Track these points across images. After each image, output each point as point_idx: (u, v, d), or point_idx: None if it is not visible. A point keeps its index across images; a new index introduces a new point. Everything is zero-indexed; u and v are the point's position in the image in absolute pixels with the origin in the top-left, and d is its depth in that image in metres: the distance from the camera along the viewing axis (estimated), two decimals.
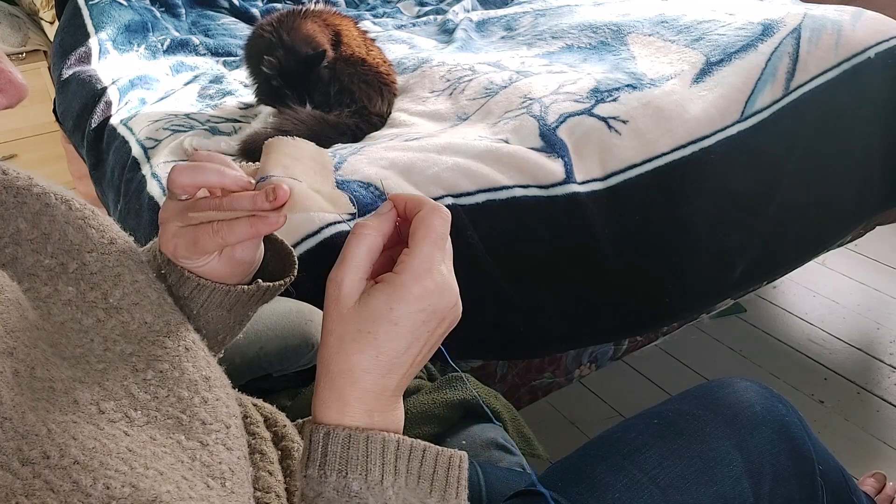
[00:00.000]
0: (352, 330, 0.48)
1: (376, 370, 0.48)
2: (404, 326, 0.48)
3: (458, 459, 0.51)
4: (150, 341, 0.51)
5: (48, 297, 0.50)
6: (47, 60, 2.39)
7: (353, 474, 0.47)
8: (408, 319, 0.48)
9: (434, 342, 0.51)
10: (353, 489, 0.47)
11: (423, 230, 0.50)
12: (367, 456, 0.47)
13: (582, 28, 1.66)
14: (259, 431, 0.64)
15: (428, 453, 0.50)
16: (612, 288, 1.22)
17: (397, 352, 0.48)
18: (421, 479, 0.49)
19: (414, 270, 0.48)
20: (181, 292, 0.60)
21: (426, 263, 0.49)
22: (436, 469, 0.50)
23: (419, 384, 0.98)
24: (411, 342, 0.49)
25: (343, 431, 0.47)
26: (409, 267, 0.48)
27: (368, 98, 1.45)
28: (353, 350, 0.48)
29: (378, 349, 0.48)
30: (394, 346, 0.48)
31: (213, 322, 0.62)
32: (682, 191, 1.23)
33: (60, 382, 0.45)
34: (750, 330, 1.85)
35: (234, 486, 0.47)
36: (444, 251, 0.51)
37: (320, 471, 0.47)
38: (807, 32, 1.39)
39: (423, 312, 0.48)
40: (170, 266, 0.60)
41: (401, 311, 0.48)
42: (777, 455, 0.74)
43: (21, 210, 0.52)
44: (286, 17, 1.50)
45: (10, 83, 0.41)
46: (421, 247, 0.49)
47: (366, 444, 0.47)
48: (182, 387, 0.50)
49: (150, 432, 0.46)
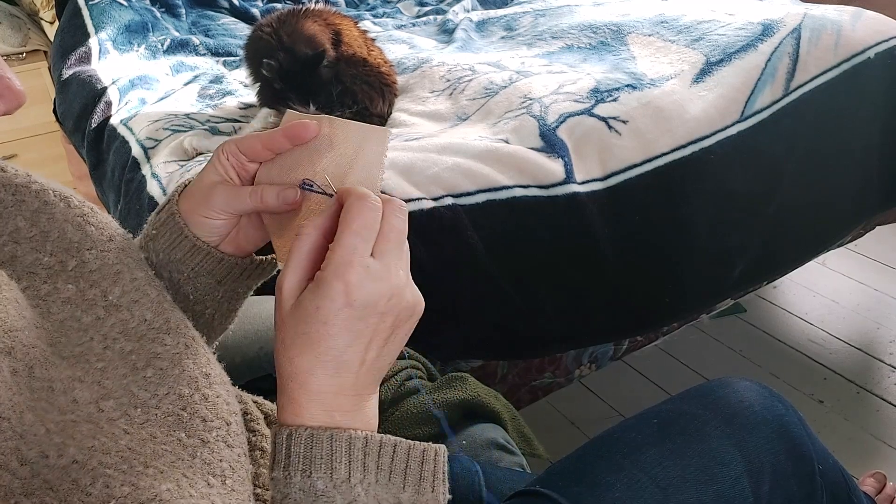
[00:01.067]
0: (291, 333, 0.48)
1: (322, 370, 0.48)
2: (335, 325, 0.47)
3: (431, 453, 0.50)
4: (149, 339, 0.51)
5: (47, 295, 0.50)
6: (47, 60, 2.39)
7: (318, 473, 0.46)
8: (336, 317, 0.47)
9: (385, 337, 0.50)
10: (318, 488, 0.46)
11: (344, 222, 0.49)
12: (331, 454, 0.47)
13: (582, 28, 1.66)
14: (259, 428, 0.64)
15: (399, 448, 0.49)
16: (612, 288, 1.22)
17: (338, 350, 0.48)
18: (393, 475, 0.48)
19: (334, 265, 0.47)
20: (174, 255, 0.60)
21: (346, 257, 0.47)
22: (408, 464, 0.49)
23: (420, 384, 0.98)
24: (351, 340, 0.48)
25: (305, 431, 0.47)
26: (330, 262, 0.48)
27: (370, 99, 1.45)
28: (294, 353, 0.48)
29: (315, 350, 0.47)
30: (331, 344, 0.47)
31: (202, 290, 0.62)
32: (682, 191, 1.23)
33: (59, 382, 0.45)
34: (750, 330, 1.85)
35: (235, 484, 0.47)
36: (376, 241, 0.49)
37: (285, 472, 0.47)
38: (807, 32, 1.39)
39: (350, 308, 0.47)
40: (168, 225, 0.60)
41: (327, 308, 0.47)
42: (777, 455, 0.74)
43: (20, 208, 0.52)
44: (286, 17, 1.50)
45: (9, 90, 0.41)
46: (341, 239, 0.48)
47: (329, 443, 0.47)
48: (182, 384, 0.49)
49: (150, 430, 0.46)
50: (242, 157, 0.57)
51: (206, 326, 0.65)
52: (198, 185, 0.60)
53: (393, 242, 0.50)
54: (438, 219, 1.11)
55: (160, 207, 0.62)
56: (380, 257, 0.49)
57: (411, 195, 1.12)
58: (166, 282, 0.60)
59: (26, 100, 0.42)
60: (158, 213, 0.62)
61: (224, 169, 0.58)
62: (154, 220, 0.62)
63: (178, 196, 0.61)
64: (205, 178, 0.59)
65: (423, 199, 1.12)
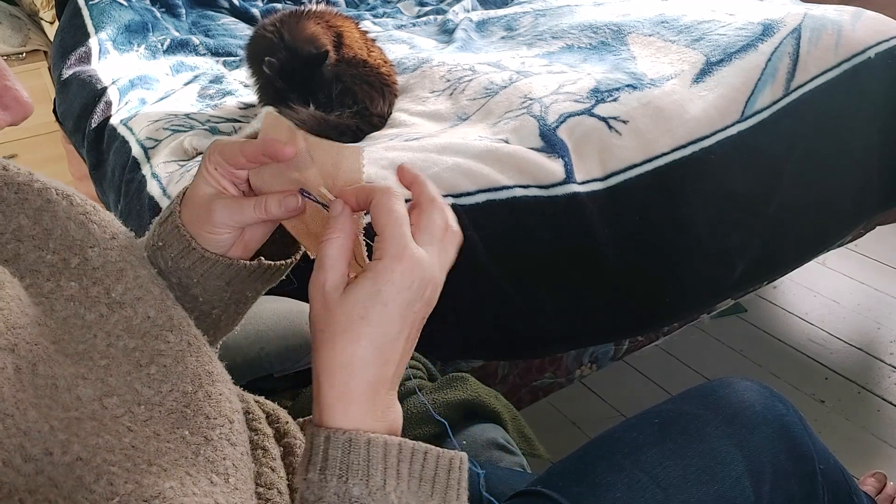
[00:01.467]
0: (342, 321, 0.48)
1: (372, 359, 0.48)
2: (393, 307, 0.48)
3: (458, 461, 0.51)
4: (153, 336, 0.51)
5: (50, 292, 0.50)
6: (47, 60, 2.39)
7: (354, 479, 0.46)
8: (396, 299, 0.48)
9: (418, 329, 0.51)
10: (353, 494, 0.46)
11: (384, 215, 0.50)
12: (368, 461, 0.47)
13: (582, 28, 1.66)
14: (261, 428, 0.64)
15: (429, 456, 0.49)
16: (613, 288, 1.22)
17: (390, 336, 0.48)
18: (422, 483, 0.49)
19: (391, 253, 0.49)
20: (182, 263, 0.60)
21: (400, 242, 0.49)
22: (437, 471, 0.49)
23: (419, 384, 0.98)
24: (402, 326, 0.49)
25: (343, 435, 0.47)
26: (386, 251, 0.49)
27: (370, 99, 1.45)
28: (347, 341, 0.48)
29: (371, 335, 0.48)
30: (386, 330, 0.48)
31: (210, 292, 0.62)
32: (682, 191, 1.23)
33: (63, 379, 0.45)
34: (750, 330, 1.85)
35: (238, 482, 0.47)
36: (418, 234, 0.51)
37: (321, 475, 0.47)
38: (807, 32, 1.39)
39: (409, 291, 0.48)
40: (174, 236, 0.60)
41: (389, 291, 0.48)
42: (777, 454, 0.74)
43: (22, 206, 0.52)
44: (288, 17, 1.50)
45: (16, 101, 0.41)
46: (389, 230, 0.50)
47: (367, 449, 0.47)
48: (185, 381, 0.49)
49: (154, 427, 0.46)
50: (229, 166, 0.57)
51: (213, 326, 0.65)
52: (195, 197, 0.59)
53: (435, 237, 0.52)
54: None
55: (163, 218, 0.62)
56: (424, 247, 0.51)
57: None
58: (175, 286, 0.61)
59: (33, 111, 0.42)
60: (163, 223, 0.62)
61: (215, 180, 0.58)
62: (160, 231, 0.61)
63: (179, 207, 0.60)
64: (199, 190, 0.59)
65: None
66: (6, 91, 0.41)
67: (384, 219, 0.50)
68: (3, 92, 0.40)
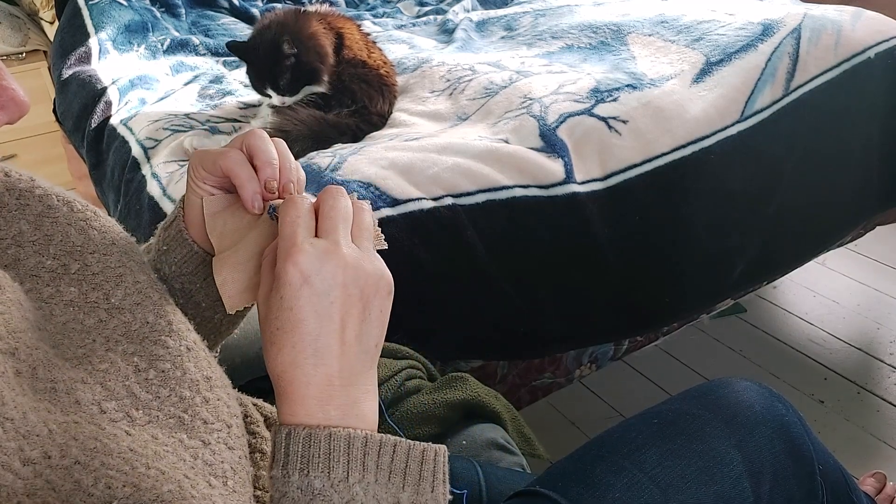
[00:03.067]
0: (268, 333, 0.49)
1: (303, 360, 0.48)
2: (300, 308, 0.48)
3: (431, 453, 0.50)
4: (151, 341, 0.51)
5: (50, 297, 0.51)
6: (47, 60, 2.39)
7: (315, 472, 0.47)
8: (299, 300, 0.48)
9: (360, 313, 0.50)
10: (315, 487, 0.46)
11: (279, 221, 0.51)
12: (329, 453, 0.47)
13: (582, 28, 1.66)
14: (259, 431, 0.64)
15: (399, 448, 0.49)
16: (612, 288, 1.22)
17: (312, 335, 0.48)
18: (392, 475, 0.49)
19: (281, 254, 0.49)
20: (186, 268, 0.61)
21: (288, 241, 0.49)
22: (408, 463, 0.49)
23: (419, 384, 0.98)
24: (322, 321, 0.48)
25: (303, 430, 0.47)
26: (279, 254, 0.49)
27: (369, 97, 1.45)
28: (275, 351, 0.49)
29: (291, 339, 0.48)
30: (304, 330, 0.48)
31: (213, 297, 0.63)
32: (682, 191, 1.23)
33: (62, 383, 0.45)
34: (750, 330, 1.85)
35: (236, 486, 0.48)
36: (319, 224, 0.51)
37: (283, 471, 0.47)
38: (807, 32, 1.39)
39: (309, 285, 0.48)
40: (177, 240, 0.61)
41: (288, 294, 0.48)
42: (777, 455, 0.74)
43: (23, 212, 0.52)
44: (291, 18, 1.50)
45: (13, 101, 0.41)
46: (281, 232, 0.50)
47: (328, 442, 0.47)
48: (184, 386, 0.50)
49: (152, 432, 0.46)
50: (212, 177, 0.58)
51: (213, 331, 0.65)
52: (191, 211, 0.60)
53: (336, 220, 0.51)
54: (438, 219, 1.11)
55: (168, 223, 0.63)
56: (324, 235, 0.50)
57: (411, 195, 1.12)
58: (178, 292, 0.61)
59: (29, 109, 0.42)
60: (167, 228, 0.63)
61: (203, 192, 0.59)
62: (164, 236, 0.62)
63: (182, 211, 0.61)
64: (192, 204, 0.60)
65: (423, 199, 1.12)
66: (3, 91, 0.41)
67: (280, 225, 0.51)
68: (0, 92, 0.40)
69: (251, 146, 0.57)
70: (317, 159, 1.23)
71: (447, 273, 1.12)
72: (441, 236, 1.11)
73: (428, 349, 1.05)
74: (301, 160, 1.25)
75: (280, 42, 1.39)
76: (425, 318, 1.13)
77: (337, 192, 0.53)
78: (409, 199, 1.12)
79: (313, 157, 1.25)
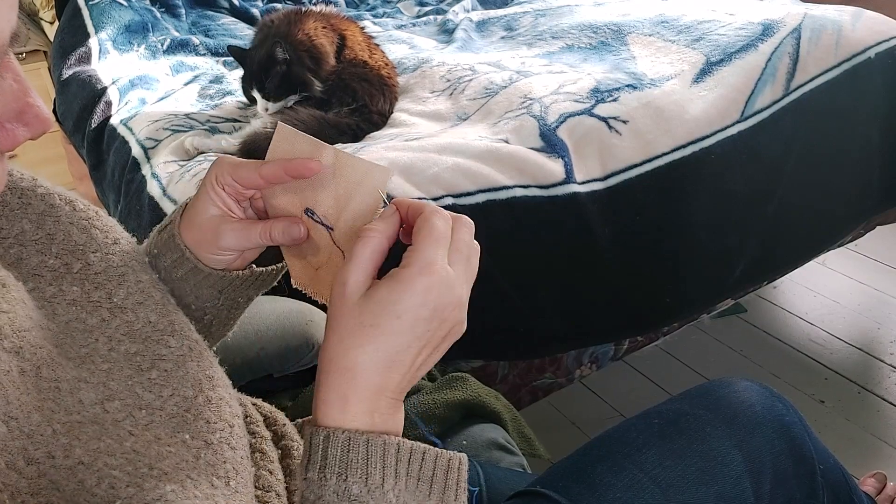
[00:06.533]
0: (354, 324, 0.48)
1: (376, 366, 0.48)
2: (407, 320, 0.48)
3: (457, 462, 0.51)
4: (154, 340, 0.52)
5: (53, 297, 0.51)
6: (47, 60, 2.39)
7: (354, 478, 0.47)
8: (411, 313, 0.48)
9: (435, 346, 0.51)
10: (353, 492, 0.46)
11: (425, 229, 0.50)
12: (367, 459, 0.47)
13: (582, 28, 1.66)
14: (259, 430, 0.64)
15: (428, 456, 0.50)
16: (613, 288, 1.22)
17: (398, 348, 0.48)
18: (420, 482, 0.49)
19: (419, 265, 0.48)
20: (175, 273, 0.60)
21: (430, 258, 0.49)
22: (435, 471, 0.49)
23: (420, 384, 0.98)
24: (412, 339, 0.49)
25: (343, 434, 0.47)
26: (415, 261, 0.49)
27: (370, 96, 1.45)
28: (353, 345, 0.48)
29: (378, 343, 0.48)
30: (397, 341, 0.48)
31: (203, 299, 0.62)
32: (682, 191, 1.23)
33: (66, 382, 0.45)
34: (750, 330, 1.85)
35: (238, 486, 0.48)
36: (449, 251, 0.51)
37: (320, 474, 0.47)
38: (807, 32, 1.39)
39: (425, 308, 0.48)
40: (169, 246, 0.60)
41: (405, 303, 0.48)
42: (777, 455, 0.74)
43: (26, 211, 0.53)
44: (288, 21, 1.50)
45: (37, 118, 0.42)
46: (424, 244, 0.49)
47: (366, 448, 0.47)
48: (186, 386, 0.50)
49: (155, 432, 0.46)
50: (238, 186, 0.57)
51: (204, 331, 0.65)
52: (199, 219, 0.59)
53: (464, 254, 0.51)
54: None
55: (163, 226, 0.62)
56: (453, 266, 0.50)
57: (411, 195, 1.12)
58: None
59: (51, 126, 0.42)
60: (161, 231, 0.62)
61: (222, 200, 0.58)
62: (157, 239, 0.62)
63: (179, 219, 0.60)
64: (205, 213, 0.58)
65: (423, 200, 1.12)
66: (28, 108, 0.41)
67: (424, 232, 0.50)
68: (25, 109, 0.41)
69: None
70: None
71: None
72: None
73: None
74: None
75: (274, 47, 1.39)
76: None
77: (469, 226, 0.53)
78: None
79: None
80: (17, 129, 0.40)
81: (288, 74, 1.41)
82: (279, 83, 1.41)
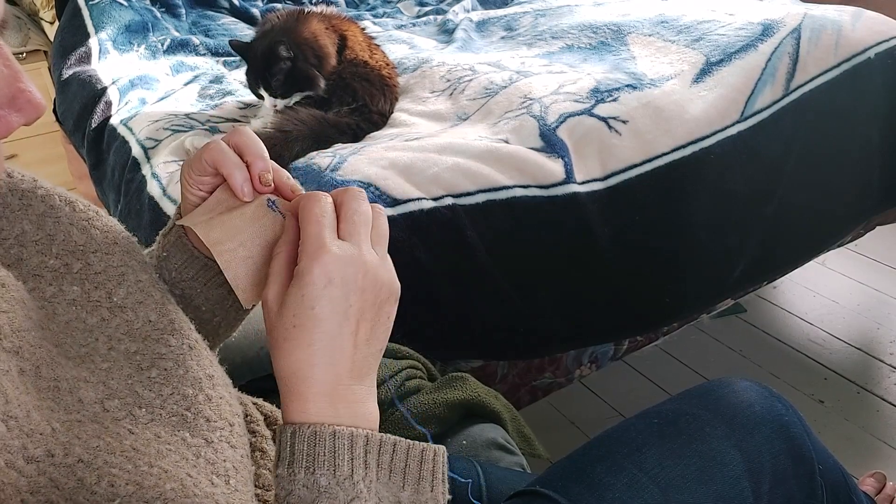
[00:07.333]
0: (282, 331, 0.49)
1: (318, 358, 0.49)
2: (322, 307, 0.48)
3: (430, 453, 0.51)
4: (154, 339, 0.52)
5: (53, 297, 0.51)
6: (47, 60, 2.38)
7: (321, 470, 0.47)
8: (323, 299, 0.48)
9: (371, 317, 0.51)
10: (321, 484, 0.47)
11: (301, 218, 0.51)
12: (334, 451, 0.47)
13: (582, 28, 1.66)
14: (259, 430, 0.65)
15: (399, 447, 0.50)
16: (612, 288, 1.22)
17: (330, 335, 0.49)
18: (393, 474, 0.49)
19: (307, 252, 0.49)
20: (186, 273, 0.61)
21: (315, 241, 0.49)
22: (408, 462, 0.50)
23: (419, 384, 0.98)
24: (340, 321, 0.49)
25: (308, 429, 0.48)
26: (304, 251, 0.50)
27: (370, 95, 1.45)
28: (289, 348, 0.49)
29: (307, 339, 0.48)
30: (323, 329, 0.49)
31: (213, 301, 0.63)
32: (682, 191, 1.23)
33: (65, 381, 0.46)
34: (750, 330, 1.85)
35: (238, 484, 0.48)
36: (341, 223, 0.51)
37: (289, 469, 0.48)
38: (807, 33, 1.39)
39: (333, 287, 0.48)
40: (177, 246, 0.61)
41: (312, 293, 0.48)
42: (777, 455, 0.74)
43: (26, 212, 0.53)
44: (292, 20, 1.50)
45: (30, 103, 0.42)
46: (306, 231, 0.50)
47: (332, 440, 0.48)
48: (186, 385, 0.50)
49: (155, 430, 0.47)
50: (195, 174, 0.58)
51: (212, 333, 0.65)
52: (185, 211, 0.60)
53: (358, 224, 0.52)
54: (438, 219, 1.11)
55: (167, 229, 0.63)
56: (348, 238, 0.51)
57: (411, 195, 1.13)
58: (178, 298, 0.61)
59: (45, 110, 0.42)
60: (166, 234, 0.63)
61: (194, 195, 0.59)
62: (163, 242, 0.63)
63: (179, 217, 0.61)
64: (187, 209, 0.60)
65: (423, 199, 1.12)
66: (20, 94, 0.41)
67: (303, 222, 0.51)
68: (17, 94, 0.41)
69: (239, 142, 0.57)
70: (317, 159, 1.23)
71: (447, 273, 1.12)
72: (441, 236, 1.11)
73: (428, 349, 1.06)
74: (301, 160, 1.25)
75: (277, 45, 1.39)
76: (425, 318, 1.13)
77: (360, 195, 0.54)
78: (409, 199, 1.12)
79: (313, 157, 1.25)
80: (9, 115, 0.40)
81: (293, 71, 1.41)
82: (284, 80, 1.41)
